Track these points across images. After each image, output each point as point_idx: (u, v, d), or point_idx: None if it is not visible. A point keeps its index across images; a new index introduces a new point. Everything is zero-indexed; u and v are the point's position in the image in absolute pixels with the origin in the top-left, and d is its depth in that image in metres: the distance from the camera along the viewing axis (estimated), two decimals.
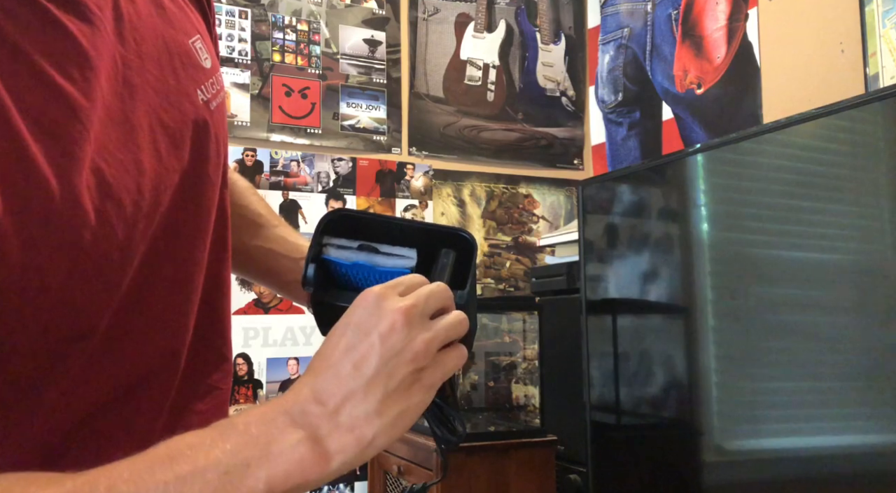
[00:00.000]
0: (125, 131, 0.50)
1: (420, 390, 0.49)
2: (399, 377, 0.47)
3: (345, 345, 0.48)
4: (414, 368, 0.48)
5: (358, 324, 0.48)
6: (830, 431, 1.16)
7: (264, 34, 2.09)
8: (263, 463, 0.42)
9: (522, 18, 2.46)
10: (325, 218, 0.60)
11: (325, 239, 0.59)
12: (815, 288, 1.18)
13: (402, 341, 0.48)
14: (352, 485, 2.06)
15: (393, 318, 0.48)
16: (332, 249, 0.59)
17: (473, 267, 0.59)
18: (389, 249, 0.59)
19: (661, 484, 1.47)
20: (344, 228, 0.60)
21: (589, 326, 1.65)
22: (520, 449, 1.67)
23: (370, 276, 0.59)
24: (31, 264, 0.42)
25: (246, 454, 0.42)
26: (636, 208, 1.59)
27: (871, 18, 1.57)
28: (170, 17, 0.59)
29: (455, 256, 0.58)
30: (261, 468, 0.42)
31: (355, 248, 0.59)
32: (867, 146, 1.11)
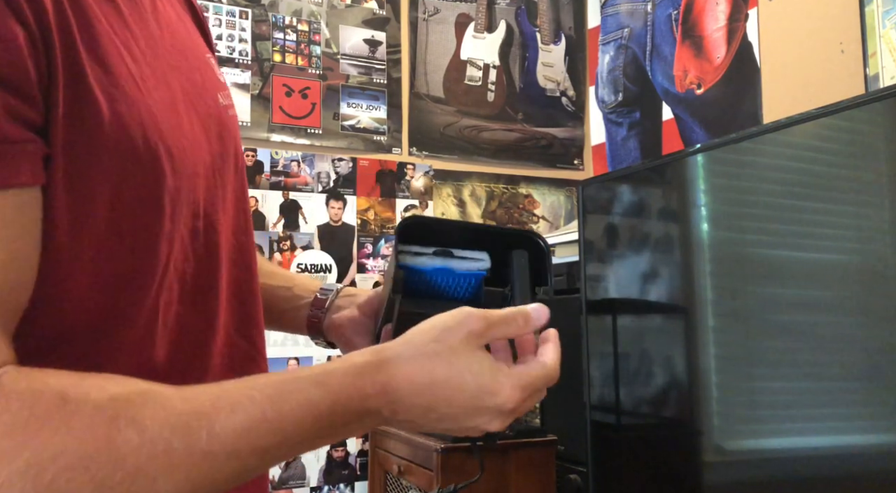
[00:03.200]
0: (167, 97, 0.52)
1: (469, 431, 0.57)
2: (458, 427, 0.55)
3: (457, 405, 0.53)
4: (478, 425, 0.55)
5: (479, 389, 0.53)
6: (830, 431, 1.16)
7: (265, 34, 2.09)
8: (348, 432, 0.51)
9: (522, 19, 2.46)
10: (401, 225, 0.61)
11: (401, 247, 0.60)
12: (815, 288, 1.18)
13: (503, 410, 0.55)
14: (352, 485, 2.06)
15: (506, 402, 0.54)
16: (408, 256, 0.60)
17: (550, 265, 0.63)
18: (462, 252, 0.61)
19: (661, 484, 1.47)
20: (416, 235, 0.61)
21: (589, 326, 1.65)
22: (520, 449, 1.67)
23: (449, 280, 0.61)
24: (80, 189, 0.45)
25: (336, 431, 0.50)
26: (636, 208, 1.59)
27: (871, 18, 1.57)
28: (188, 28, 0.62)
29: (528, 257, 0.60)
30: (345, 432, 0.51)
31: (431, 253, 0.60)
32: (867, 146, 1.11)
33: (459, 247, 0.61)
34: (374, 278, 2.15)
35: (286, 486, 1.99)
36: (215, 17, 2.04)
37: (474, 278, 0.58)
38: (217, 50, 2.02)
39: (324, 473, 2.03)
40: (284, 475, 1.99)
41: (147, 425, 0.40)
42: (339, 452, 2.05)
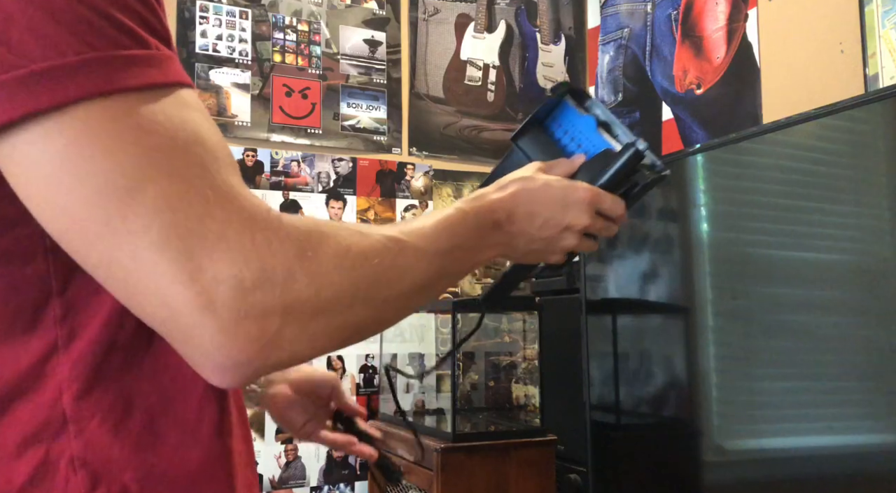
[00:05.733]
0: None
1: (557, 250, 0.71)
2: (553, 234, 0.69)
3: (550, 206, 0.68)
4: (567, 232, 0.69)
5: (563, 188, 0.69)
6: (830, 431, 1.16)
7: (265, 34, 2.09)
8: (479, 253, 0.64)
9: (522, 19, 2.46)
10: (574, 87, 0.79)
11: (567, 97, 0.78)
12: (815, 288, 1.18)
13: (578, 215, 0.69)
14: (352, 485, 2.06)
15: (584, 196, 0.70)
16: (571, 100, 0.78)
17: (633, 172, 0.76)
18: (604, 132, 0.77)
19: (661, 484, 1.47)
20: None
21: (589, 326, 1.65)
22: (520, 449, 1.67)
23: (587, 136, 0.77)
24: None
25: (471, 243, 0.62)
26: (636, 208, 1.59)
27: (870, 19, 1.57)
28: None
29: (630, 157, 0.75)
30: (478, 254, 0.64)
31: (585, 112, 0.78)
32: (867, 146, 1.11)
33: None
34: None
35: (286, 486, 1.99)
36: (215, 17, 2.04)
37: (599, 147, 0.76)
38: (217, 50, 2.02)
39: (324, 473, 2.03)
40: (284, 474, 1.99)
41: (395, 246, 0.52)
42: (339, 452, 2.05)
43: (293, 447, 2.00)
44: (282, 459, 1.99)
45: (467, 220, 0.61)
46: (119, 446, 0.47)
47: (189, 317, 0.40)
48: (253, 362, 0.42)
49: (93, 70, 0.40)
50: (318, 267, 0.45)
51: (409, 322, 2.15)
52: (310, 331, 0.44)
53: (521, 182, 0.68)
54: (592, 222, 0.70)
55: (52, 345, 0.46)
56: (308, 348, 0.45)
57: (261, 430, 1.97)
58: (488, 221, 0.63)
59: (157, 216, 0.40)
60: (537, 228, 0.67)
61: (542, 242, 0.69)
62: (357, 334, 0.50)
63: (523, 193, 0.67)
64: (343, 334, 0.48)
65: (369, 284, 0.48)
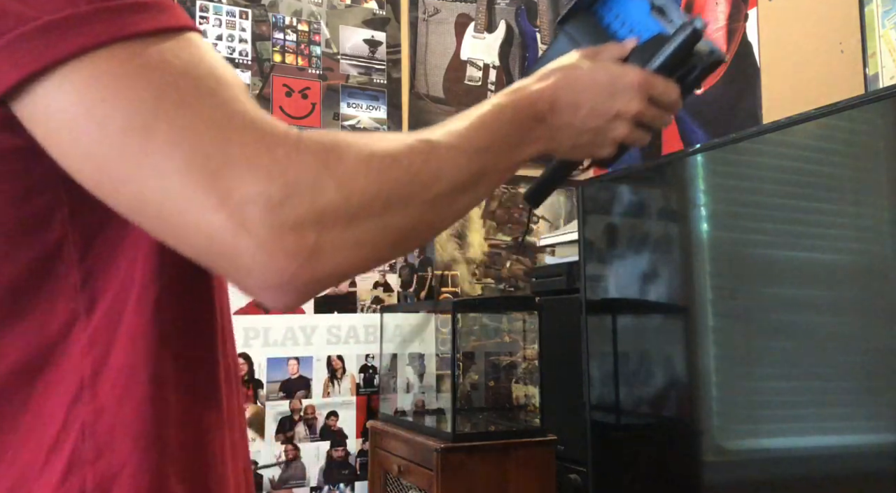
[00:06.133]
0: None
1: (607, 141, 0.65)
2: (602, 124, 0.63)
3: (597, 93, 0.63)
4: (617, 119, 0.64)
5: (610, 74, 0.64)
6: (830, 431, 1.16)
7: (265, 34, 2.09)
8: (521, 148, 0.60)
9: (522, 19, 2.46)
10: None
11: None
12: (815, 288, 1.18)
13: (628, 101, 0.64)
14: (352, 485, 2.06)
15: (635, 80, 0.64)
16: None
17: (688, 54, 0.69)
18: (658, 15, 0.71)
19: (661, 484, 1.47)
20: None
21: (589, 326, 1.65)
22: (520, 449, 1.67)
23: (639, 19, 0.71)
24: None
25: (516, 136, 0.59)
26: (636, 208, 1.59)
27: (870, 18, 1.57)
28: None
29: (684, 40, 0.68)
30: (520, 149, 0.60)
31: None
32: (867, 146, 1.11)
33: None
34: (374, 278, 2.15)
35: (286, 486, 1.99)
36: (215, 17, 2.04)
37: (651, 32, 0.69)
38: (217, 50, 2.02)
39: (324, 473, 2.03)
40: (284, 475, 1.99)
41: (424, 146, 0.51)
42: (339, 452, 2.05)
43: (293, 447, 2.00)
44: (282, 459, 1.99)
45: (504, 114, 0.58)
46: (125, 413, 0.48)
47: (226, 241, 0.41)
48: (299, 277, 0.42)
49: (105, 18, 0.41)
50: (344, 173, 0.44)
51: (409, 322, 2.15)
52: (349, 238, 0.44)
53: (565, 70, 0.63)
54: (644, 109, 0.65)
55: (74, 313, 0.48)
56: (352, 256, 0.45)
57: (261, 430, 1.97)
58: (529, 114, 0.59)
59: (178, 148, 0.40)
60: (583, 118, 0.62)
61: (590, 133, 0.63)
62: (404, 240, 0.49)
63: (567, 82, 0.62)
64: (386, 239, 0.47)
65: (402, 185, 0.48)
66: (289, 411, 2.01)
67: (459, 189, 0.52)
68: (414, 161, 0.49)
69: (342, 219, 0.44)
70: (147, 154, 0.40)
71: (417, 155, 0.50)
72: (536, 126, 0.60)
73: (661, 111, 0.67)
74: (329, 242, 0.43)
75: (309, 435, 2.03)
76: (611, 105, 0.63)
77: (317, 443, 2.03)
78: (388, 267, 2.17)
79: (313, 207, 0.42)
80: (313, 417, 2.04)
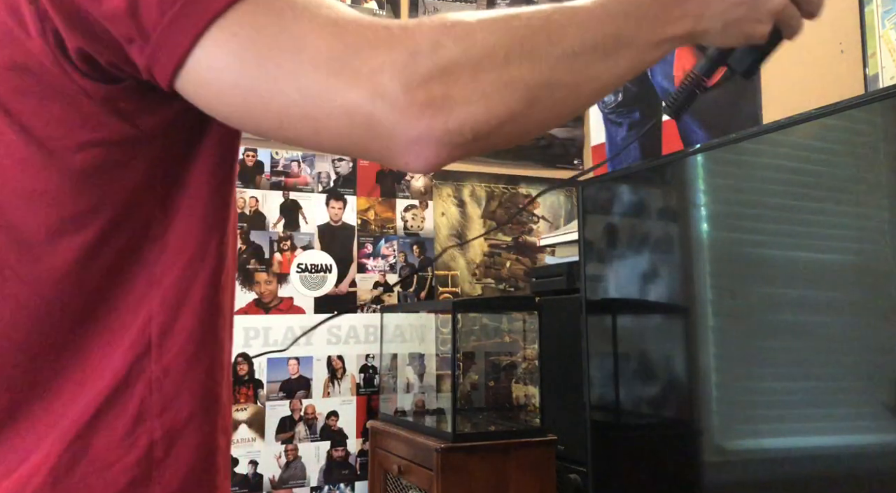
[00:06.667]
0: None
1: (760, 17, 0.61)
2: None
3: None
4: None
5: None
6: (830, 431, 1.16)
7: None
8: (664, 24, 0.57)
9: None
10: None
11: None
12: (815, 288, 1.18)
13: None
14: (352, 485, 2.06)
15: None
16: None
17: None
18: None
19: (661, 484, 1.47)
20: None
21: (589, 326, 1.66)
22: (520, 449, 1.67)
23: None
24: None
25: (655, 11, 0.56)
26: (636, 208, 1.59)
27: (870, 19, 1.57)
28: None
29: None
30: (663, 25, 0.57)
31: None
32: (867, 146, 1.11)
33: None
34: (374, 278, 2.15)
35: (286, 486, 1.99)
36: None
37: None
38: None
39: (324, 473, 2.03)
40: (285, 474, 1.99)
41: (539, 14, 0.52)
42: (339, 452, 2.05)
43: (293, 447, 2.01)
44: (282, 459, 1.99)
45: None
46: (193, 373, 0.55)
47: (365, 111, 0.46)
48: (434, 128, 0.47)
49: None
50: (462, 30, 0.48)
51: (409, 322, 2.15)
52: (476, 89, 0.47)
53: None
54: None
55: (150, 280, 0.55)
56: (483, 106, 0.48)
57: (261, 430, 1.97)
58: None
59: (305, 53, 0.46)
60: (730, 3, 0.59)
61: (744, 6, 0.59)
62: (535, 96, 0.50)
63: None
64: (515, 92, 0.49)
65: (522, 38, 0.50)
66: (289, 411, 2.01)
67: (591, 50, 0.52)
68: (534, 17, 0.51)
69: (467, 70, 0.47)
70: (280, 66, 0.46)
71: (538, 12, 0.51)
72: (678, 2, 0.57)
73: None
74: (457, 92, 0.47)
75: (309, 435, 2.03)
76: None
77: (317, 443, 2.03)
78: (389, 267, 2.17)
79: (436, 63, 0.46)
80: (313, 417, 2.04)
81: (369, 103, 0.46)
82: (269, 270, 2.02)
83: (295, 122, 0.48)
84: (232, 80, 0.47)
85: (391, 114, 0.46)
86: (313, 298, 2.06)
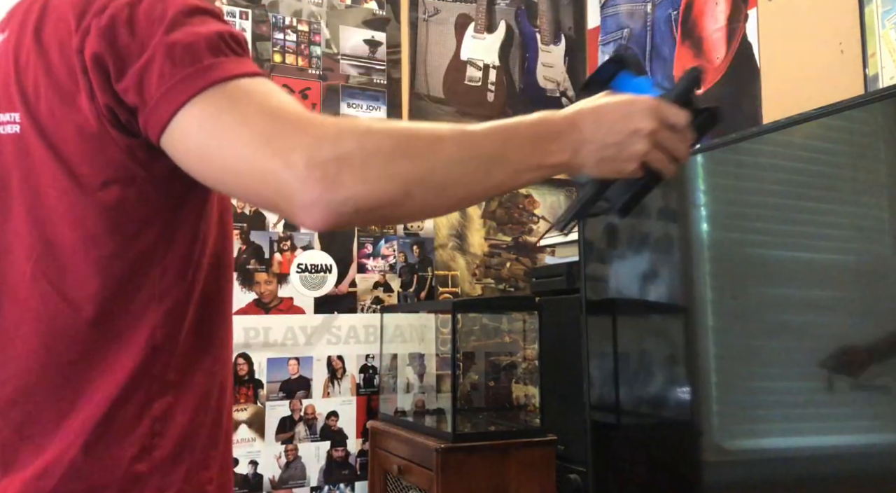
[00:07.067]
0: None
1: (629, 156, 0.73)
2: (621, 139, 0.73)
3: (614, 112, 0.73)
4: (634, 135, 0.73)
5: (625, 101, 0.74)
6: (830, 431, 1.16)
7: (265, 35, 2.10)
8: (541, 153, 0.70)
9: (522, 19, 2.46)
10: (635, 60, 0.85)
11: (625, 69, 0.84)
12: (815, 288, 1.18)
13: (643, 120, 0.73)
14: (352, 485, 2.06)
15: (648, 104, 0.74)
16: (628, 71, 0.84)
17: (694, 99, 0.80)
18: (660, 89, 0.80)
19: (661, 484, 1.47)
20: None
21: (589, 326, 1.66)
22: (520, 449, 1.67)
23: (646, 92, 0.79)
24: None
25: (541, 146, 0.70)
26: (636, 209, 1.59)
27: (870, 19, 1.57)
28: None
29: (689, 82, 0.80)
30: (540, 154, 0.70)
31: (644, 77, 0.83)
32: (867, 146, 1.11)
33: None
34: (374, 278, 2.15)
35: (286, 486, 1.99)
36: None
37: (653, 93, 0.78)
38: None
39: (324, 473, 2.03)
40: (285, 475, 1.99)
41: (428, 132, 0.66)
42: (339, 452, 2.05)
43: (293, 447, 2.01)
44: (282, 459, 1.99)
45: (521, 126, 0.70)
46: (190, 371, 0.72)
47: (278, 177, 0.60)
48: (324, 197, 0.60)
49: (217, 68, 0.64)
50: (362, 130, 0.62)
51: (409, 323, 2.15)
52: (362, 175, 0.60)
53: (587, 102, 0.75)
54: (658, 128, 0.74)
55: (151, 297, 0.69)
56: (365, 189, 0.61)
57: (261, 430, 1.97)
58: (548, 127, 0.71)
59: (249, 134, 0.61)
60: (604, 134, 0.72)
61: (612, 148, 0.72)
62: (406, 188, 0.63)
63: (588, 108, 0.73)
64: (392, 183, 0.62)
65: (409, 143, 0.64)
66: (289, 411, 2.01)
67: (466, 162, 0.66)
68: (427, 128, 0.65)
69: (358, 160, 0.60)
70: (233, 148, 0.62)
71: (432, 126, 0.66)
72: (557, 137, 0.70)
73: (674, 135, 0.76)
74: (347, 175, 0.60)
75: (309, 435, 2.03)
76: (628, 122, 0.72)
77: (317, 443, 2.03)
78: (389, 267, 2.17)
79: (336, 151, 0.60)
80: (313, 417, 2.04)
81: (281, 173, 0.60)
82: (269, 270, 2.03)
83: (232, 179, 0.63)
84: (195, 142, 0.63)
85: (294, 183, 0.59)
86: (313, 298, 2.06)
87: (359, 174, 0.60)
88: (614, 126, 0.72)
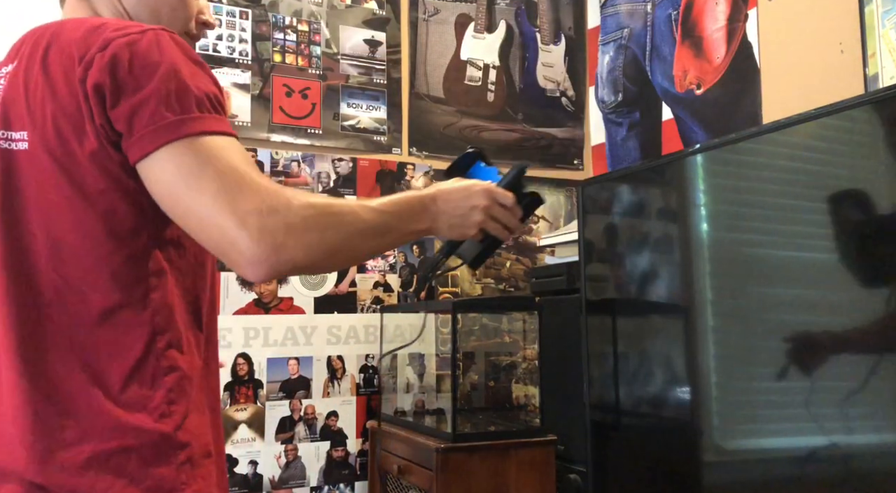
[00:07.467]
0: None
1: (470, 224, 1.00)
2: (464, 212, 0.99)
3: (460, 193, 1.00)
4: (473, 209, 0.99)
5: (467, 185, 1.01)
6: (830, 431, 1.16)
7: (265, 34, 2.10)
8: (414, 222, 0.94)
9: (522, 19, 2.46)
10: (483, 153, 1.13)
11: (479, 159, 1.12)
12: (815, 288, 1.18)
13: (480, 199, 1.00)
14: (352, 485, 2.06)
15: (484, 187, 1.01)
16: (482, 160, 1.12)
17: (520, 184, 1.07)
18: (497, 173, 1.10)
19: (661, 484, 1.47)
20: None
21: (589, 326, 1.66)
22: (520, 449, 1.67)
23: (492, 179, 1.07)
24: None
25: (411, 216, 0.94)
26: (636, 208, 1.59)
27: (870, 19, 1.57)
28: None
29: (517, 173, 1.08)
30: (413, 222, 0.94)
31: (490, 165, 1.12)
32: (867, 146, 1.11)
33: None
34: (373, 278, 2.15)
35: (286, 486, 1.99)
36: (215, 17, 2.04)
37: (494, 179, 1.07)
38: (217, 50, 2.02)
39: (324, 473, 2.03)
40: (284, 475, 1.99)
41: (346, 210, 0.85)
42: (338, 452, 2.05)
43: (293, 447, 2.01)
44: (281, 459, 1.99)
45: (403, 199, 0.93)
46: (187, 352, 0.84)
47: (233, 234, 0.73)
48: (270, 258, 0.74)
49: (195, 120, 0.77)
50: (303, 204, 0.77)
51: (410, 322, 2.15)
52: (302, 242, 0.76)
53: (444, 184, 1.01)
54: (491, 204, 1.00)
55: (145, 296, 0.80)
56: (304, 254, 0.76)
57: (261, 430, 1.97)
58: (418, 203, 0.94)
59: (214, 191, 0.74)
60: (453, 208, 0.98)
61: (458, 218, 0.99)
62: (335, 253, 0.81)
63: (445, 188, 0.99)
64: (322, 249, 0.79)
65: (336, 219, 0.81)
66: (289, 411, 2.01)
67: (370, 231, 0.86)
68: (348, 206, 0.85)
69: (299, 230, 0.76)
70: (200, 196, 0.74)
71: (346, 205, 0.86)
72: (424, 210, 0.95)
73: (504, 211, 1.02)
74: (290, 242, 0.75)
75: (309, 435, 2.03)
76: (469, 200, 0.99)
77: (317, 443, 2.03)
78: (389, 267, 2.17)
79: (284, 220, 0.75)
80: (313, 417, 2.04)
81: (235, 230, 0.73)
82: None
83: (193, 222, 0.76)
84: (169, 178, 0.75)
85: (246, 240, 0.73)
86: (313, 298, 2.07)
87: (299, 242, 0.76)
88: (460, 203, 0.98)
